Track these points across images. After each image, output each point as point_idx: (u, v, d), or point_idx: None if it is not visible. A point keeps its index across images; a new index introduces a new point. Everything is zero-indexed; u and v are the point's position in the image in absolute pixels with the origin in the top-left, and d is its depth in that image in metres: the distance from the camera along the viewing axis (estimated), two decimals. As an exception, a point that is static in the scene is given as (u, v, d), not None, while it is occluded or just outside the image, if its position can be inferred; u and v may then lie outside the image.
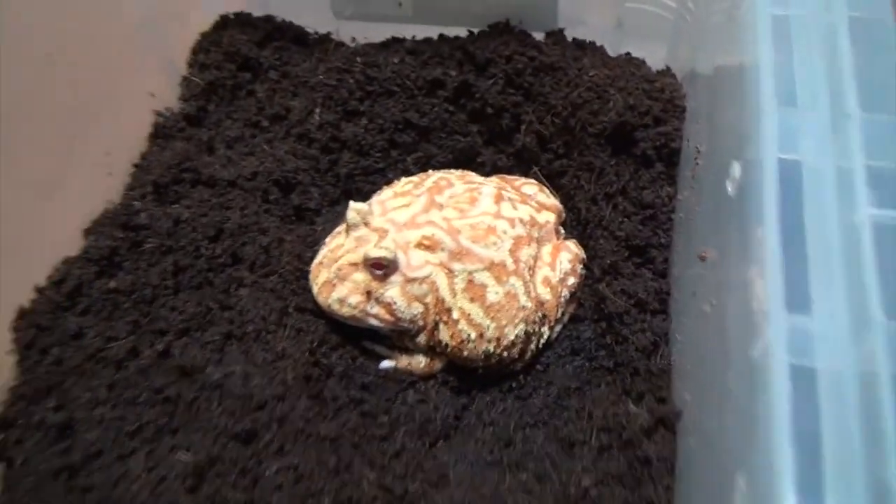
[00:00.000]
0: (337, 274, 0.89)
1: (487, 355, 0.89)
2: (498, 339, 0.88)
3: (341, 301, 0.89)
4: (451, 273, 0.89)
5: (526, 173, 1.10)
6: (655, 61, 1.10)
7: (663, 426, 0.78)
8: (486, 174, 1.09)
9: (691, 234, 0.83)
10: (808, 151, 0.56)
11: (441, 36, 1.18)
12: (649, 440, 0.77)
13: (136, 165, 1.07)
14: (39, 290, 0.92)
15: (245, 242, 0.96)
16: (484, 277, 0.89)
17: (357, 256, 0.88)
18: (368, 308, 0.88)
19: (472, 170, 1.09)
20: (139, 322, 0.90)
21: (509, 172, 1.11)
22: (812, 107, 0.56)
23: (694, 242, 0.80)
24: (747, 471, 0.48)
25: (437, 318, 0.89)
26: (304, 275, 0.94)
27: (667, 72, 1.08)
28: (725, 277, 0.64)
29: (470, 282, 0.89)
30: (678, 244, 0.92)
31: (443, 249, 0.89)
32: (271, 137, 1.12)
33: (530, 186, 1.03)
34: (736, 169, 0.61)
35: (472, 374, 0.92)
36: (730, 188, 0.63)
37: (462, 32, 1.17)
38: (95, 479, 0.80)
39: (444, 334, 0.89)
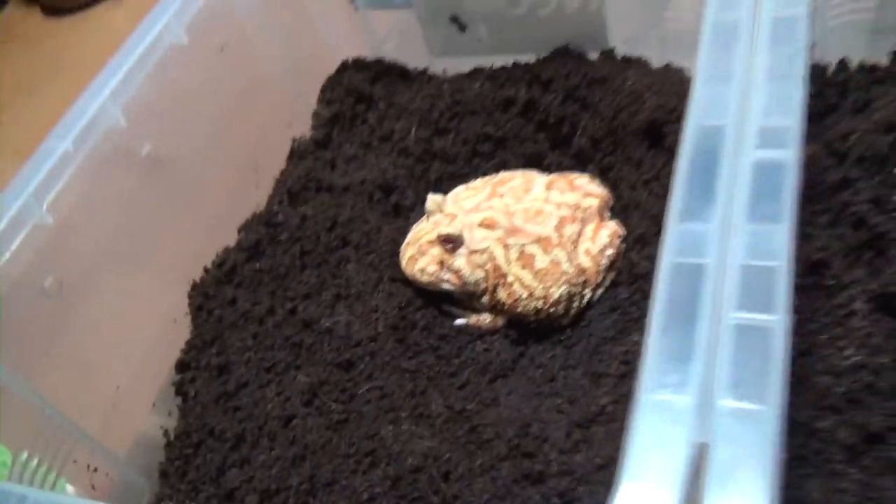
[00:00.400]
0: (419, 249, 1.14)
1: (537, 311, 1.10)
2: (545, 298, 1.10)
3: (422, 270, 1.14)
4: (506, 246, 1.12)
5: (584, 171, 1.31)
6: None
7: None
8: (551, 173, 1.31)
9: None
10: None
11: (514, 63, 1.43)
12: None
13: (277, 180, 1.40)
14: (206, 270, 1.26)
15: (353, 230, 1.24)
16: (533, 249, 1.12)
17: (433, 236, 1.13)
18: (442, 275, 1.13)
19: (540, 170, 1.32)
20: (275, 291, 1.21)
21: (570, 170, 1.32)
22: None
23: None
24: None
25: (496, 281, 1.12)
26: (396, 254, 1.21)
27: (701, 76, 1.25)
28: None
29: (522, 252, 1.11)
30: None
31: (499, 228, 1.12)
32: (379, 154, 1.41)
33: (582, 178, 1.24)
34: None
35: (527, 329, 1.14)
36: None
37: (531, 58, 1.41)
38: (244, 402, 1.10)
39: (501, 295, 1.12)
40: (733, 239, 0.66)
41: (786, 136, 0.71)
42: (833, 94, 1.15)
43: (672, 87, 1.23)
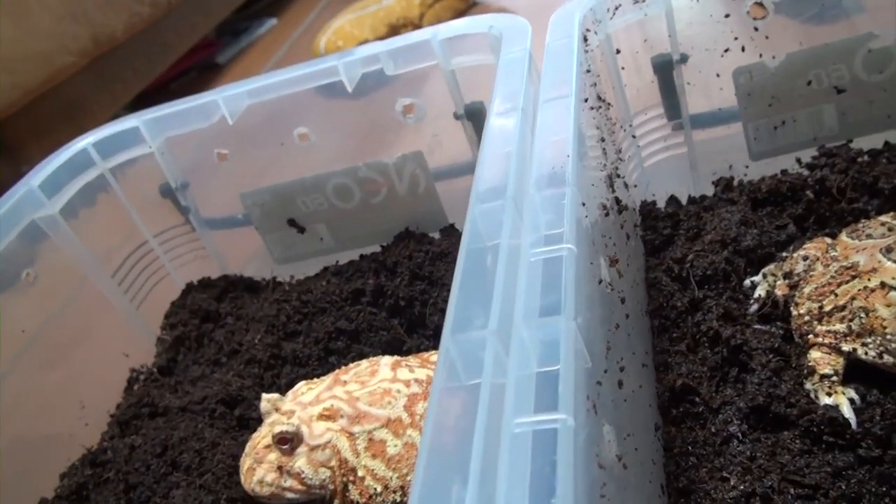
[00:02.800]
0: (255, 458, 1.00)
1: (397, 506, 0.95)
2: (402, 488, 0.95)
3: (261, 482, 0.98)
4: (352, 436, 0.98)
5: (443, 349, 1.22)
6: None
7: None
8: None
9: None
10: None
11: (361, 255, 1.39)
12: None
13: (111, 415, 1.25)
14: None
15: (183, 451, 1.08)
16: (383, 433, 0.98)
17: (269, 439, 0.99)
18: (283, 482, 0.97)
19: (401, 356, 1.22)
20: (92, 544, 1.02)
21: (427, 351, 1.23)
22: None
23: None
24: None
25: (345, 479, 0.97)
26: (237, 471, 1.05)
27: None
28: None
29: (370, 440, 0.98)
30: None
31: (342, 416, 0.99)
32: (227, 369, 1.29)
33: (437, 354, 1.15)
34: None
35: (392, 530, 0.97)
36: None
37: (376, 248, 1.37)
38: None
39: (353, 494, 0.96)
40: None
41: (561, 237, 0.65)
42: (667, 226, 1.14)
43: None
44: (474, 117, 1.22)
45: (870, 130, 1.12)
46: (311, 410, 1.01)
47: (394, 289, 1.27)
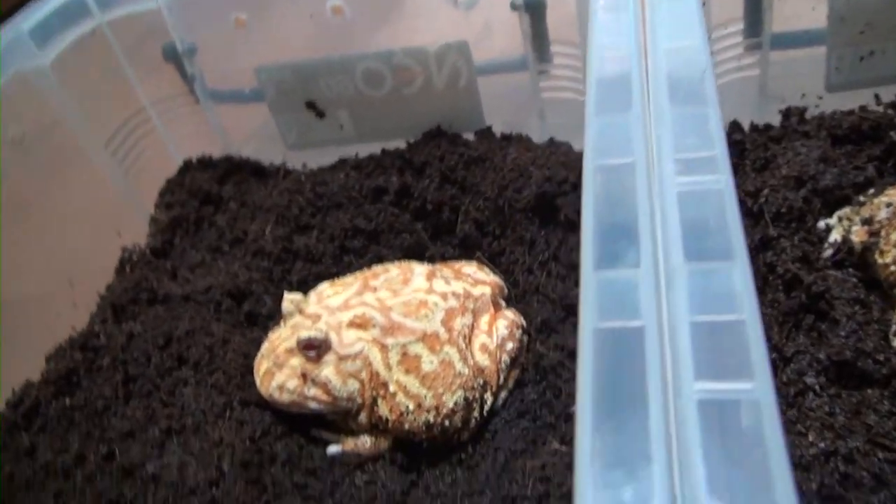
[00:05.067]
0: (275, 362, 0.91)
1: (429, 425, 0.88)
2: (437, 408, 0.88)
3: (281, 388, 0.90)
4: (384, 347, 0.90)
5: (472, 259, 1.14)
6: (579, 143, 1.17)
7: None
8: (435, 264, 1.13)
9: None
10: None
11: (383, 150, 1.27)
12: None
13: (101, 296, 1.14)
14: (-3, 413, 0.96)
15: (190, 345, 0.99)
16: (418, 348, 0.91)
17: (292, 342, 0.90)
18: (306, 391, 0.89)
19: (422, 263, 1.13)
20: (90, 433, 0.92)
21: (456, 260, 1.14)
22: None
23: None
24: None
25: (375, 393, 0.90)
26: (249, 371, 0.96)
27: (588, 148, 1.14)
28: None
29: (404, 354, 0.90)
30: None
31: (374, 326, 0.91)
32: (230, 258, 1.19)
33: (470, 266, 1.07)
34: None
35: (418, 450, 0.91)
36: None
37: (401, 144, 1.26)
38: None
39: (383, 409, 0.89)
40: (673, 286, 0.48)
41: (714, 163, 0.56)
42: (732, 153, 1.05)
43: (558, 158, 1.10)
44: (534, 10, 1.09)
45: (960, 74, 1.03)
46: (341, 317, 0.92)
47: (421, 190, 1.17)
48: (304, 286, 1.15)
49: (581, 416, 0.43)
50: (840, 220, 0.94)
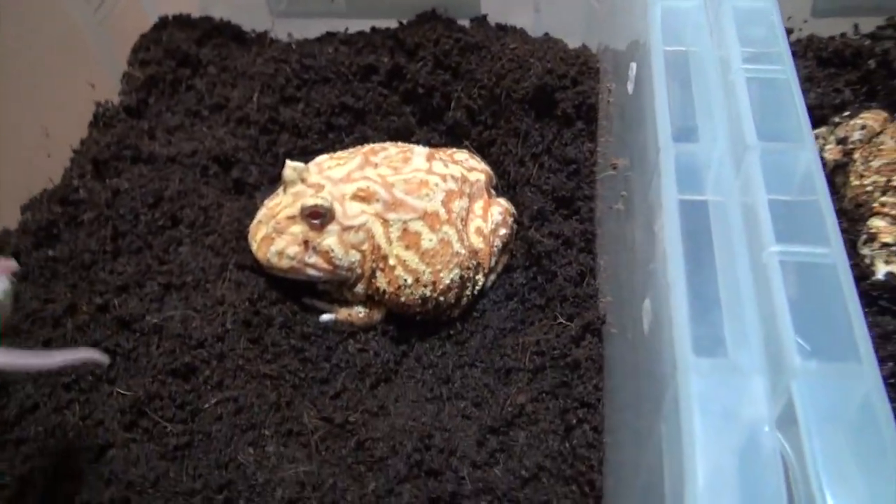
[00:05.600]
0: (275, 228, 0.91)
1: (424, 300, 0.92)
2: (434, 284, 0.91)
3: (280, 254, 0.91)
4: (386, 222, 0.92)
5: (461, 147, 1.15)
6: (573, 41, 1.18)
7: (590, 333, 0.81)
8: (422, 150, 1.14)
9: (608, 160, 0.88)
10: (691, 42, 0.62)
11: (373, 28, 1.24)
12: (578, 347, 0.80)
13: (75, 151, 1.09)
14: (-25, 259, 0.92)
15: (184, 206, 0.98)
16: (418, 226, 0.93)
17: (294, 209, 0.91)
18: (307, 258, 0.91)
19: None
20: (78, 285, 0.91)
21: (444, 147, 1.15)
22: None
23: (609, 161, 0.86)
24: (651, 291, 0.52)
25: (375, 265, 0.92)
26: (243, 236, 0.96)
27: (583, 47, 1.16)
28: (632, 169, 0.69)
29: (405, 230, 0.92)
30: (602, 194, 0.97)
31: (378, 200, 0.92)
32: (212, 124, 1.16)
33: (461, 154, 1.08)
34: (633, 69, 0.67)
35: (411, 322, 0.95)
36: (630, 87, 0.68)
37: (393, 24, 1.23)
38: (30, 432, 0.79)
39: (381, 281, 0.92)
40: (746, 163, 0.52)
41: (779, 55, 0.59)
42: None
43: (556, 53, 1.11)
44: None
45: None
46: (344, 188, 0.93)
47: (413, 73, 1.16)
48: (289, 159, 1.14)
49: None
50: (816, 138, 1.01)
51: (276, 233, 0.91)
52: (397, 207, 0.93)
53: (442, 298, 0.92)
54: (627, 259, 0.66)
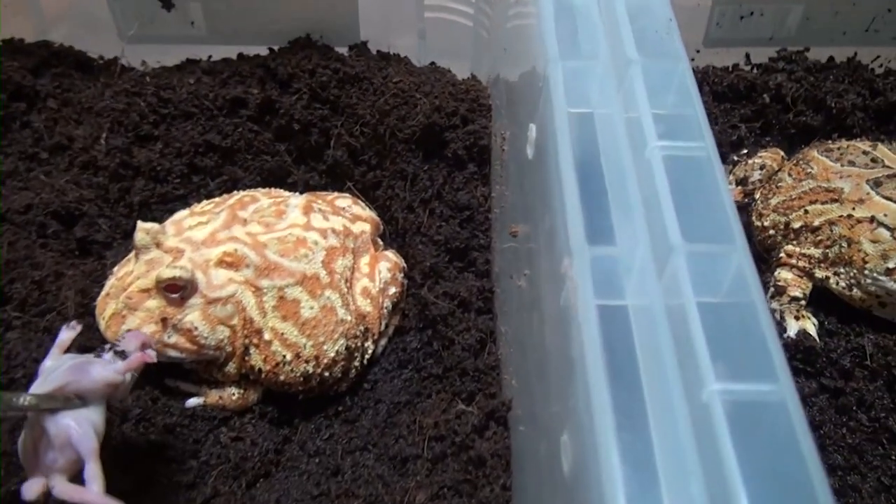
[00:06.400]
0: (126, 304, 0.78)
1: (307, 377, 0.81)
2: (317, 358, 0.81)
3: (133, 334, 0.77)
4: (259, 290, 0.80)
5: (340, 189, 1.04)
6: (460, 70, 1.10)
7: (494, 421, 0.73)
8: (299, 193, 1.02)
9: (505, 223, 0.81)
10: (595, 103, 0.54)
11: (240, 55, 1.12)
12: (482, 438, 0.72)
13: None
14: None
15: (13, 279, 0.82)
16: (296, 293, 0.82)
17: (149, 281, 0.77)
18: (166, 338, 0.78)
19: (288, 190, 1.02)
20: None
21: (323, 190, 1.04)
22: (594, 56, 0.55)
23: (507, 225, 0.78)
24: (570, 425, 0.44)
25: (247, 341, 0.80)
26: (89, 311, 0.82)
27: (471, 78, 1.08)
28: (535, 242, 0.61)
29: (281, 298, 0.81)
30: (497, 243, 0.90)
31: (248, 266, 0.80)
32: (51, 169, 1.00)
33: (344, 199, 0.98)
34: (532, 130, 0.59)
35: (293, 400, 0.84)
36: (529, 152, 0.60)
37: (263, 51, 1.11)
38: None
39: (256, 359, 0.80)
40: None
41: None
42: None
43: (444, 87, 1.02)
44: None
45: (824, 42, 1.09)
46: (207, 253, 0.80)
47: (287, 107, 1.04)
48: (146, 209, 1.00)
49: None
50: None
51: (127, 309, 0.78)
52: (271, 272, 0.81)
53: (327, 374, 0.82)
54: (536, 360, 0.58)
